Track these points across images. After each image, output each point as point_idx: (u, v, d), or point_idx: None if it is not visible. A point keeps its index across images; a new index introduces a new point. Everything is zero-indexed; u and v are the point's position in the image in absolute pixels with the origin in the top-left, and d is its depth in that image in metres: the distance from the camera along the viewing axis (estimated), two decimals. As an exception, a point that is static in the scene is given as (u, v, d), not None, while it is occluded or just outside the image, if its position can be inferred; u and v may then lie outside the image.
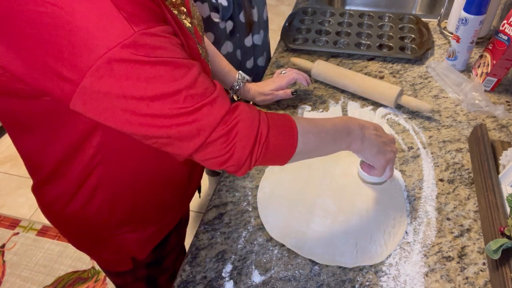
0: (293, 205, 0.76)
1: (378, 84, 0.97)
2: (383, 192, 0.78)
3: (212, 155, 0.53)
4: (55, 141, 0.60)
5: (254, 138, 0.54)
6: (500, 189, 0.73)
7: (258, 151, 0.54)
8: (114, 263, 0.81)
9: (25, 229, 1.78)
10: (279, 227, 0.72)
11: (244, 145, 0.53)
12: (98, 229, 0.73)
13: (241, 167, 0.55)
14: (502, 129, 0.91)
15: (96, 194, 0.67)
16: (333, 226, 0.72)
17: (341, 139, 0.64)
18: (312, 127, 0.61)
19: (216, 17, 1.06)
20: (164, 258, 0.87)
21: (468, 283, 0.64)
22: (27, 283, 1.58)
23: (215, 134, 0.51)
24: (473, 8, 0.97)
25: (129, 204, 0.71)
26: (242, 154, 0.53)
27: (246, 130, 0.53)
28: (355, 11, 1.28)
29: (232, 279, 0.66)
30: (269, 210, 0.75)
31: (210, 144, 0.52)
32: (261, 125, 0.55)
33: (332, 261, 0.67)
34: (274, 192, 0.78)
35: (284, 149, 0.57)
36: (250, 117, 0.54)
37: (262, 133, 0.54)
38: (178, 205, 0.84)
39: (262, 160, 0.56)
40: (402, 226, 0.72)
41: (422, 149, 0.87)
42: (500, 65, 0.96)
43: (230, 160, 0.53)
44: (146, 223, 0.76)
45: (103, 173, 0.65)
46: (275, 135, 0.56)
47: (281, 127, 0.57)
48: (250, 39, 1.19)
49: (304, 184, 0.79)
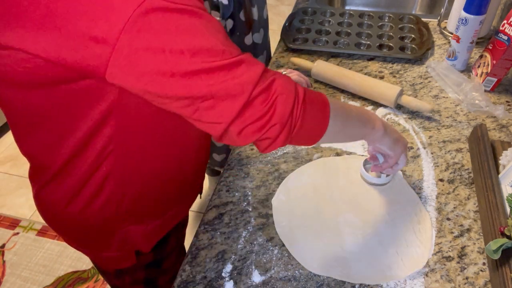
0: (318, 231, 0.72)
1: (378, 84, 0.97)
2: (392, 191, 0.78)
3: (252, 118, 0.50)
4: (67, 135, 0.59)
5: (293, 95, 0.52)
6: (500, 189, 0.73)
7: (298, 112, 0.52)
8: (116, 259, 0.80)
9: (25, 229, 1.78)
10: (317, 260, 0.68)
11: (285, 100, 0.51)
12: (103, 224, 0.72)
13: (283, 126, 0.51)
14: (502, 129, 0.91)
15: (105, 185, 0.66)
16: (366, 240, 0.70)
17: (364, 123, 0.64)
18: (340, 102, 0.61)
19: (216, 16, 1.06)
20: (163, 259, 0.87)
21: (468, 283, 0.64)
22: (27, 283, 1.58)
23: (256, 90, 0.49)
24: (473, 8, 0.97)
25: (136, 195, 0.70)
26: (284, 110, 0.51)
27: (285, 87, 0.51)
28: (355, 11, 1.28)
29: (232, 279, 0.66)
30: (297, 245, 0.70)
31: (252, 102, 0.49)
32: (297, 86, 0.53)
33: (384, 279, 0.65)
34: (292, 223, 0.73)
35: (319, 116, 0.55)
36: (284, 76, 0.53)
37: (299, 92, 0.53)
38: (181, 202, 0.83)
39: (299, 127, 0.53)
40: (426, 219, 0.72)
41: (422, 149, 0.87)
42: (500, 65, 0.96)
43: (272, 119, 0.50)
44: (150, 215, 0.76)
45: (112, 165, 0.63)
46: (311, 99, 0.54)
47: (314, 94, 0.56)
48: (250, 37, 1.19)
49: (317, 205, 0.76)
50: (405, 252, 0.68)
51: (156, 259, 0.84)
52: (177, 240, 0.90)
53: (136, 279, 0.85)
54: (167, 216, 0.80)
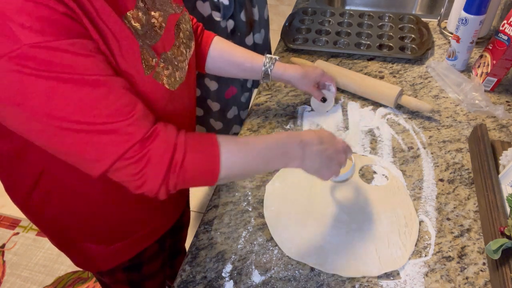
0: (304, 220, 0.74)
1: (378, 84, 0.97)
2: (387, 192, 0.78)
3: (124, 178, 0.53)
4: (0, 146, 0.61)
5: (167, 166, 0.52)
6: (500, 189, 0.73)
7: (174, 179, 0.53)
8: (83, 264, 0.80)
9: (25, 229, 1.78)
10: (296, 246, 0.70)
11: (156, 174, 0.52)
12: (61, 233, 0.73)
13: (156, 194, 0.54)
14: (502, 129, 0.91)
15: (50, 201, 0.67)
16: (349, 235, 0.71)
17: (274, 160, 0.62)
18: (240, 150, 0.59)
19: (217, 16, 1.06)
20: (142, 264, 0.84)
21: (468, 283, 0.64)
22: (27, 283, 1.58)
23: (121, 163, 0.51)
24: (473, 8, 0.97)
25: (89, 214, 0.70)
26: (154, 183, 0.53)
27: (158, 159, 0.52)
28: (355, 11, 1.28)
29: (232, 279, 0.66)
30: (280, 229, 0.72)
31: (117, 170, 0.51)
32: (176, 152, 0.53)
33: (357, 273, 0.66)
34: (281, 208, 0.76)
35: (204, 174, 0.56)
36: (164, 145, 0.53)
37: (177, 161, 0.53)
38: (150, 222, 0.79)
39: (183, 184, 0.55)
40: (415, 224, 0.72)
41: (422, 149, 0.87)
42: (500, 65, 0.96)
43: (143, 187, 0.53)
44: (111, 237, 0.75)
45: (50, 182, 0.64)
46: (193, 161, 0.54)
47: (201, 152, 0.56)
48: (251, 38, 1.19)
49: (309, 196, 0.78)
50: (384, 252, 0.68)
51: (134, 264, 0.82)
52: (160, 248, 0.88)
53: (117, 279, 0.84)
54: (131, 239, 0.77)
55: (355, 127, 0.93)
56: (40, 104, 0.46)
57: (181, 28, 0.67)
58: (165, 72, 0.60)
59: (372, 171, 0.83)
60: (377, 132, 0.91)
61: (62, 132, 0.48)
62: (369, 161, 0.84)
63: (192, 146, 0.55)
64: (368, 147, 0.88)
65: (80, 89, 0.47)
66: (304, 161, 0.63)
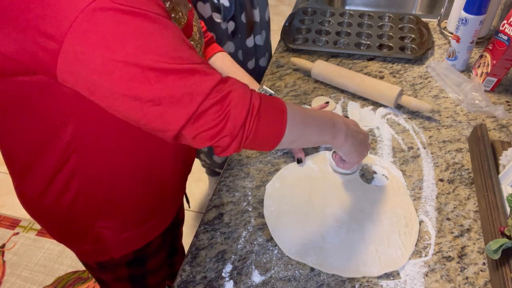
0: (304, 220, 0.74)
1: (378, 84, 0.97)
2: (387, 192, 0.78)
3: (204, 126, 0.51)
4: (28, 128, 0.59)
5: (247, 107, 0.52)
6: (500, 189, 0.73)
7: (251, 124, 0.53)
8: (92, 252, 0.79)
9: (25, 229, 1.78)
10: (295, 246, 0.70)
11: (238, 113, 0.51)
12: (75, 219, 0.72)
13: (234, 138, 0.52)
14: (502, 129, 0.91)
15: (71, 185, 0.66)
16: (349, 235, 0.71)
17: (326, 129, 0.64)
18: (300, 110, 0.61)
19: (218, 18, 1.06)
20: (147, 258, 0.85)
21: (468, 283, 0.64)
22: (27, 283, 1.58)
23: (208, 102, 0.50)
24: (473, 8, 0.97)
25: (106, 199, 0.70)
26: (236, 123, 0.51)
27: (240, 100, 0.52)
28: (355, 11, 1.28)
29: (232, 279, 0.66)
30: (280, 229, 0.72)
31: (203, 113, 0.50)
32: (253, 97, 0.54)
33: (357, 273, 0.66)
34: (281, 208, 0.76)
35: (274, 126, 0.56)
36: (242, 88, 0.53)
37: (254, 104, 0.53)
38: (161, 212, 0.81)
39: (252, 137, 0.54)
40: (415, 224, 0.72)
41: (422, 149, 0.87)
42: (500, 65, 0.96)
43: (223, 130, 0.51)
44: (124, 224, 0.75)
45: (78, 163, 0.63)
46: (266, 109, 0.55)
47: (272, 103, 0.56)
48: (252, 39, 1.19)
49: (309, 196, 0.78)
50: (384, 252, 0.68)
51: (138, 257, 0.83)
52: (163, 241, 0.88)
53: (119, 275, 0.84)
54: (143, 228, 0.78)
55: (355, 127, 0.93)
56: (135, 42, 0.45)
57: (196, 24, 0.70)
58: None
59: (372, 171, 0.83)
60: (377, 132, 0.91)
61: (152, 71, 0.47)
62: (370, 161, 0.85)
63: (264, 96, 0.56)
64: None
65: (167, 30, 0.47)
66: (347, 138, 0.66)
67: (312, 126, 0.62)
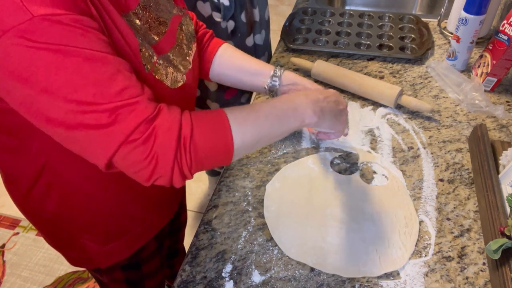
0: (304, 220, 0.74)
1: (378, 84, 0.97)
2: (387, 192, 0.78)
3: (135, 168, 0.49)
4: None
5: (175, 143, 0.49)
6: (500, 189, 0.73)
7: (186, 156, 0.50)
8: (80, 260, 0.79)
9: (25, 229, 1.78)
10: (295, 246, 0.70)
11: (165, 152, 0.49)
12: (59, 228, 0.73)
13: (170, 177, 0.50)
14: (502, 129, 0.91)
15: (50, 195, 0.67)
16: (349, 235, 0.71)
17: (288, 117, 0.60)
18: (247, 115, 0.57)
19: (217, 17, 1.06)
20: (142, 262, 0.84)
21: (468, 283, 0.64)
22: (27, 283, 1.58)
23: (130, 145, 0.48)
24: (473, 8, 0.97)
25: (85, 209, 0.69)
26: (166, 165, 0.49)
27: (165, 137, 0.49)
28: (355, 11, 1.28)
29: (232, 279, 0.66)
30: (280, 229, 0.72)
31: (128, 154, 0.48)
32: (183, 127, 0.51)
33: (357, 273, 0.66)
34: (281, 208, 0.76)
35: (218, 147, 0.53)
36: (168, 121, 0.50)
37: (185, 136, 0.50)
38: (145, 219, 0.78)
39: (197, 164, 0.52)
40: (415, 224, 0.72)
41: (422, 149, 0.87)
42: (500, 65, 0.96)
43: (155, 172, 0.49)
44: (107, 235, 0.74)
45: (51, 176, 0.64)
46: (202, 134, 0.52)
47: (209, 124, 0.53)
48: (252, 39, 1.19)
49: (309, 196, 0.78)
50: (384, 252, 0.68)
51: (132, 262, 0.82)
52: (158, 246, 0.87)
53: (115, 278, 0.84)
54: (128, 236, 0.77)
55: (355, 127, 0.93)
56: (46, 78, 0.44)
57: (183, 29, 0.67)
58: (165, 71, 0.59)
59: (372, 171, 0.83)
60: (377, 132, 0.91)
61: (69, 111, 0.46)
62: (372, 158, 0.85)
63: (199, 119, 0.52)
64: (368, 147, 0.88)
65: (89, 63, 0.45)
66: (318, 115, 0.62)
67: (269, 120, 0.58)
